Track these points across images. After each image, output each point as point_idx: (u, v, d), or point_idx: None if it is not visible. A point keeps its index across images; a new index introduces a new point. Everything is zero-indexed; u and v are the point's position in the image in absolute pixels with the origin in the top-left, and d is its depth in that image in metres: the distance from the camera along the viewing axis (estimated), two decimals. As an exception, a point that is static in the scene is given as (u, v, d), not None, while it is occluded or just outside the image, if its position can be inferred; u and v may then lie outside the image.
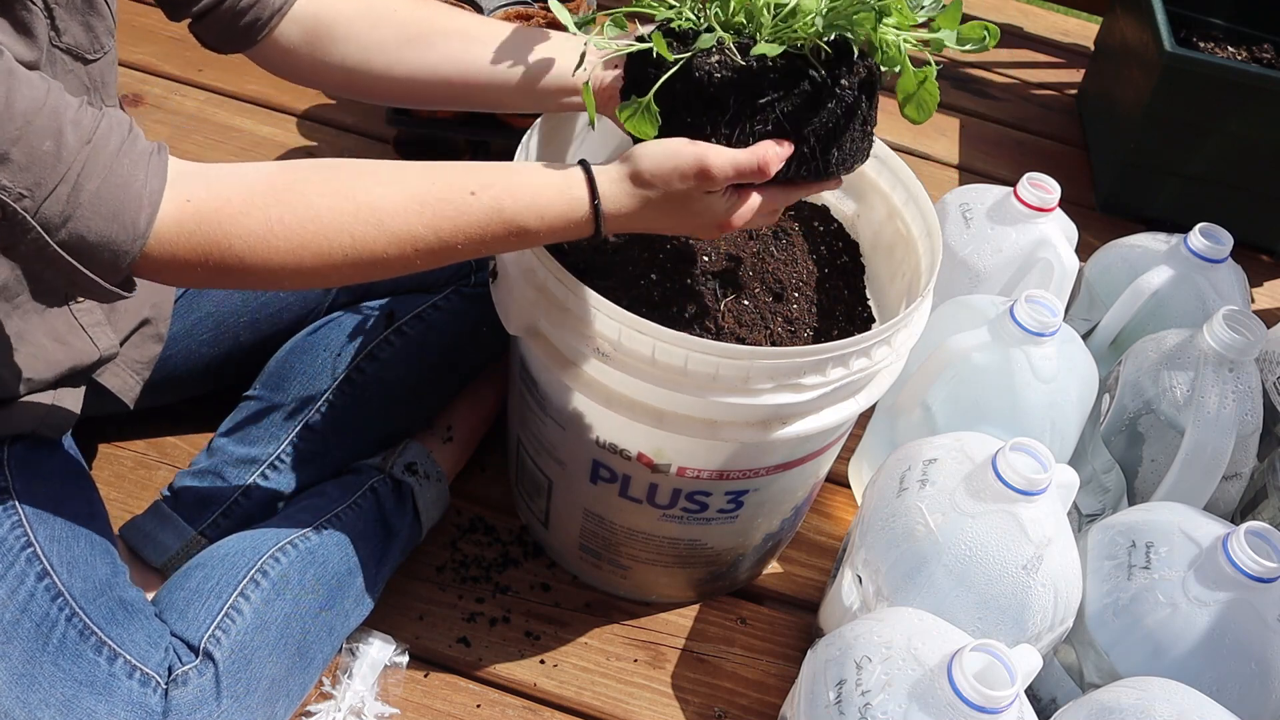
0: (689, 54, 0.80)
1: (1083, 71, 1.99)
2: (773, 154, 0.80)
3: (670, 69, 0.79)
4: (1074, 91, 1.98)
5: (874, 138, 0.92)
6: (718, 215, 0.82)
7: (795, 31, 0.80)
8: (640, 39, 0.83)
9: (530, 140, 0.98)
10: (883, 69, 0.84)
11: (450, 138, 1.48)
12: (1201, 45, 1.76)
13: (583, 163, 0.80)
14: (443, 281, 1.16)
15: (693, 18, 0.83)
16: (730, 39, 0.81)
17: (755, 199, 0.83)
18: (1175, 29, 1.63)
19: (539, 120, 0.99)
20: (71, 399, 0.96)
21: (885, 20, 0.82)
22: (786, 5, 0.79)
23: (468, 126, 1.44)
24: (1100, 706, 0.84)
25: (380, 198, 0.75)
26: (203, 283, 0.75)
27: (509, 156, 0.97)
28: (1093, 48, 1.95)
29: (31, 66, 0.77)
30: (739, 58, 0.80)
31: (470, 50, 0.90)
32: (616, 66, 0.87)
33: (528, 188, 0.78)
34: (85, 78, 0.83)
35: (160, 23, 1.74)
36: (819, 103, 0.82)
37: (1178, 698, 0.83)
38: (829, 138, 0.84)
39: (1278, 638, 0.89)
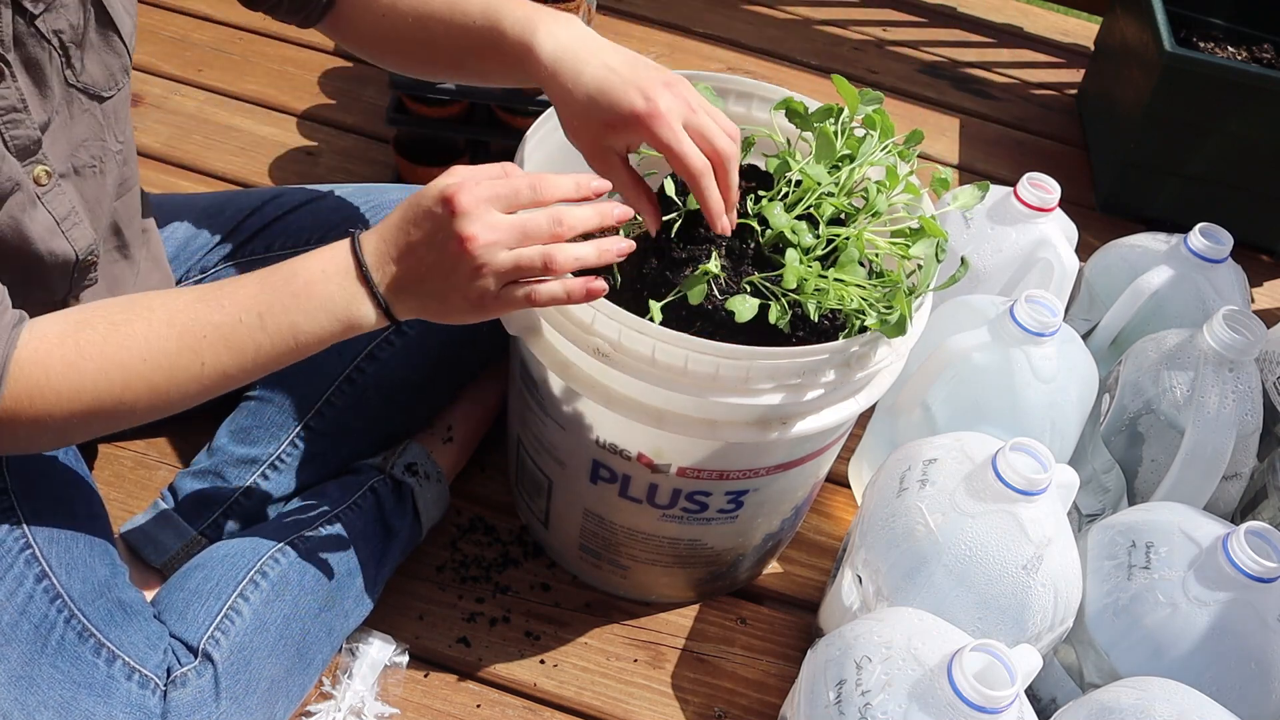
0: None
1: (1083, 71, 1.99)
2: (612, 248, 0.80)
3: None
4: (1074, 91, 1.98)
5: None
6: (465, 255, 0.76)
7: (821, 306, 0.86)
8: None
9: (530, 141, 0.98)
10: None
11: (450, 138, 1.48)
12: (1201, 45, 1.76)
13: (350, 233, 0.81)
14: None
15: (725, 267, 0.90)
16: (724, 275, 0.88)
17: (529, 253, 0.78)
18: (1175, 29, 1.63)
19: (539, 120, 0.99)
20: None
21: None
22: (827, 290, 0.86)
23: (468, 126, 1.44)
24: (1100, 706, 0.84)
25: (170, 299, 0.78)
26: (25, 441, 0.77)
27: (509, 156, 0.97)
28: (1093, 48, 1.95)
29: (50, 98, 0.78)
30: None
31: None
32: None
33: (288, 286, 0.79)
34: (100, 115, 0.85)
35: (160, 22, 1.75)
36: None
37: (1178, 698, 0.83)
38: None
39: (1278, 638, 0.89)
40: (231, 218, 1.13)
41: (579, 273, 0.81)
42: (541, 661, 1.09)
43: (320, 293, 0.79)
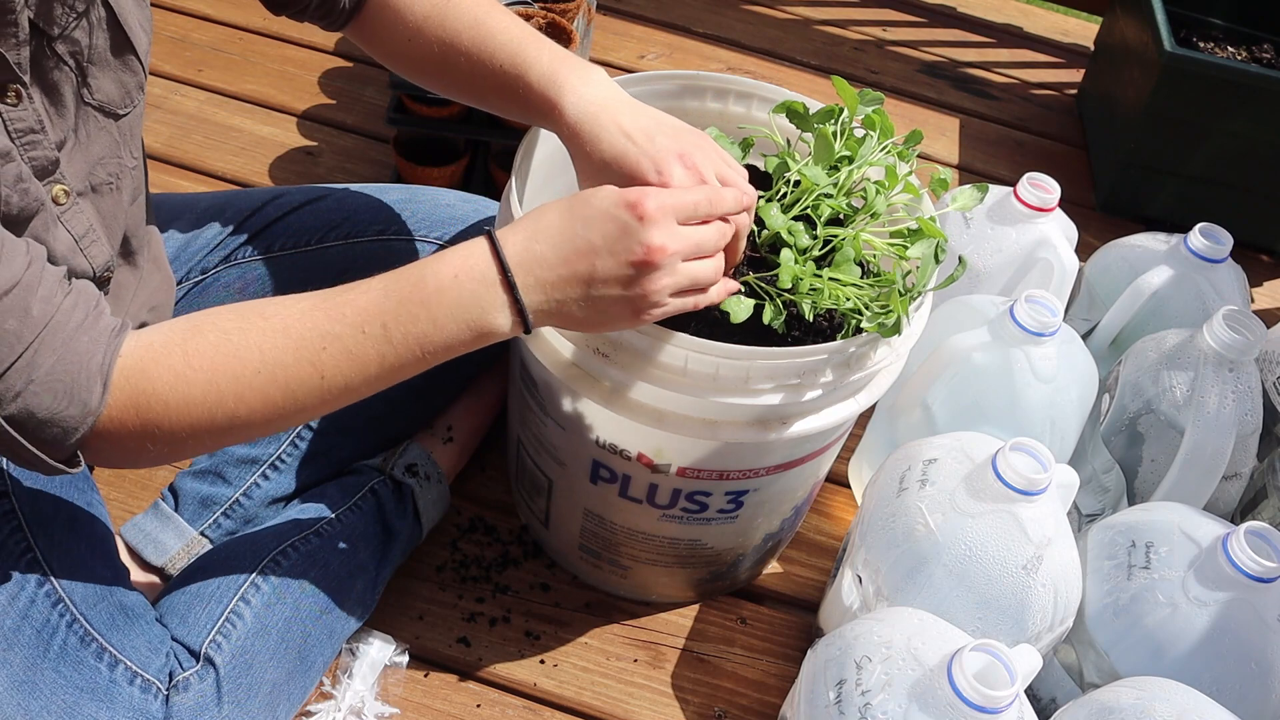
0: None
1: (1083, 71, 1.99)
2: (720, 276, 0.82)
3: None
4: (1074, 91, 1.98)
5: None
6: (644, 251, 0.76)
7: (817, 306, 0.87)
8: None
9: (530, 141, 0.98)
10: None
11: (450, 138, 1.48)
12: (1201, 45, 1.76)
13: (487, 232, 0.78)
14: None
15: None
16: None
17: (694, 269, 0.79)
18: (1175, 29, 1.63)
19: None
20: None
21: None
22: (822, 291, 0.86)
23: (468, 126, 1.44)
24: (1100, 706, 0.84)
25: (286, 307, 0.75)
26: (134, 453, 0.74)
27: (509, 156, 0.97)
28: (1093, 48, 1.95)
29: (67, 117, 0.77)
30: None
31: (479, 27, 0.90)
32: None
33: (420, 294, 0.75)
34: (116, 133, 0.83)
35: (161, 23, 1.75)
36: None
37: (1178, 698, 0.83)
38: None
39: (1278, 638, 0.89)
40: (232, 218, 1.13)
41: None
42: (541, 661, 1.09)
43: (452, 299, 0.75)
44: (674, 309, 0.79)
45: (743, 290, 0.86)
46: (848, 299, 0.87)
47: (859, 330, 0.88)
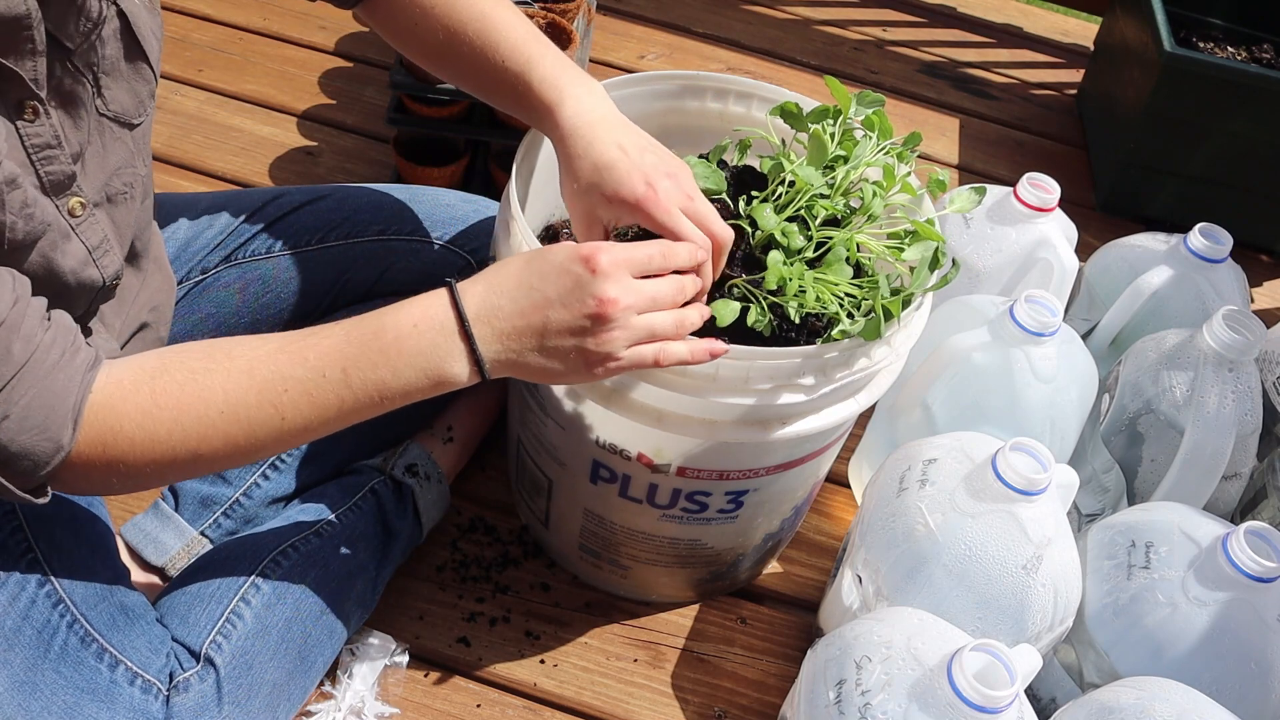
0: None
1: (1083, 71, 1.99)
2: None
3: None
4: (1074, 91, 1.98)
5: None
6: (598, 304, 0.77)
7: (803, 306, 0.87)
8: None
9: (530, 141, 0.98)
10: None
11: (450, 138, 1.48)
12: (1201, 45, 1.76)
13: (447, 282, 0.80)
14: (443, 281, 1.16)
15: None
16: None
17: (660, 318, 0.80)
18: (1175, 29, 1.63)
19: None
20: None
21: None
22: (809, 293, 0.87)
23: (468, 126, 1.44)
24: (1100, 706, 0.84)
25: (252, 348, 0.77)
26: (99, 485, 0.76)
27: (509, 156, 0.97)
28: (1093, 48, 1.95)
29: (83, 130, 0.78)
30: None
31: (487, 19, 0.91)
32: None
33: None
34: (131, 143, 0.84)
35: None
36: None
37: (1177, 697, 0.83)
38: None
39: (1278, 638, 0.89)
40: (232, 218, 1.13)
41: None
42: (541, 661, 1.09)
43: (410, 348, 0.77)
44: (631, 362, 0.80)
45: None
46: (831, 302, 0.86)
47: (844, 333, 0.87)
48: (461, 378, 0.79)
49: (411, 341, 0.77)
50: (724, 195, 0.95)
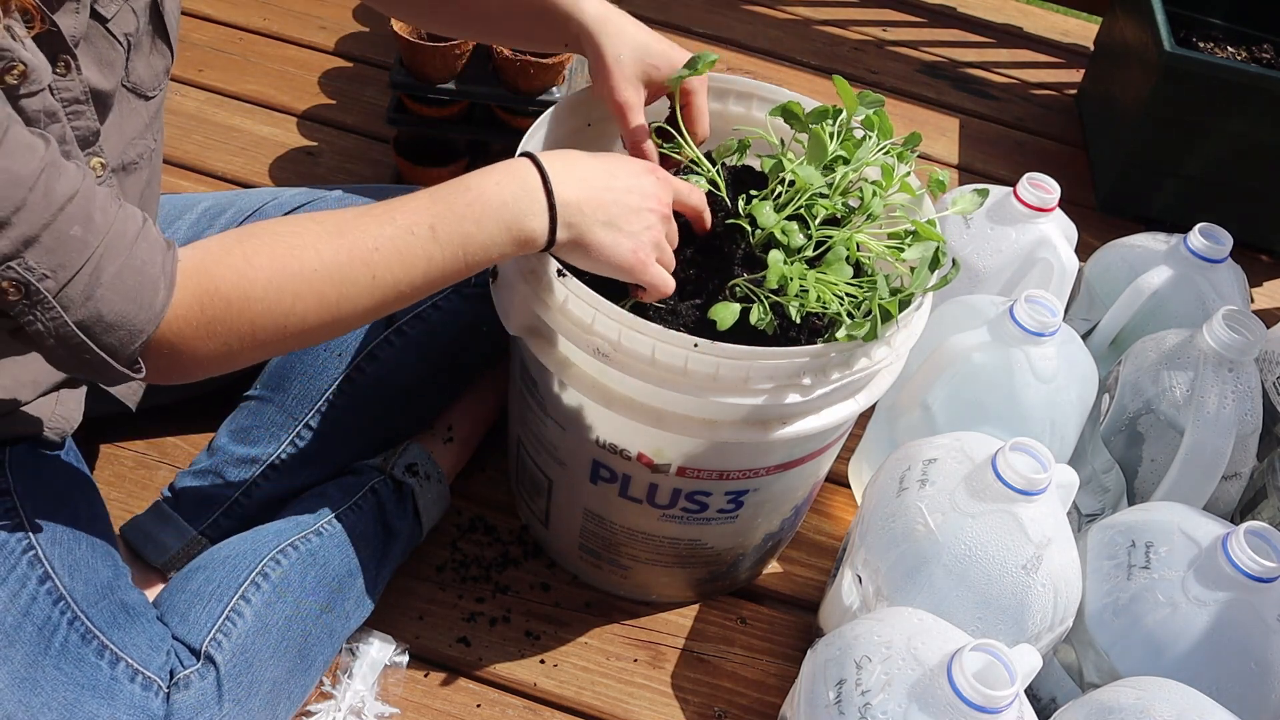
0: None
1: (1083, 71, 1.99)
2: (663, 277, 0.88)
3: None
4: (1074, 91, 1.98)
5: None
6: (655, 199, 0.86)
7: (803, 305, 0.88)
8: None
9: (530, 141, 0.98)
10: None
11: (450, 138, 1.48)
12: (1201, 45, 1.76)
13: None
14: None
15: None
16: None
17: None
18: (1175, 29, 1.63)
19: (539, 121, 0.99)
20: (74, 402, 0.96)
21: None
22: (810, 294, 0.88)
23: (468, 126, 1.44)
24: (1100, 706, 0.84)
25: (338, 214, 0.78)
26: (193, 357, 0.75)
27: (509, 156, 0.97)
28: (1093, 48, 1.95)
29: (109, 95, 0.80)
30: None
31: None
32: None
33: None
34: (146, 114, 0.87)
35: (160, 23, 1.75)
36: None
37: (1178, 697, 0.83)
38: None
39: (1278, 638, 0.89)
40: (233, 218, 1.13)
41: None
42: (541, 661, 1.09)
43: (494, 200, 0.80)
44: (655, 280, 0.86)
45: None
46: (831, 302, 0.86)
47: (850, 335, 0.87)
48: (539, 235, 0.82)
49: (495, 195, 0.80)
50: (723, 195, 0.95)
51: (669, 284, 0.87)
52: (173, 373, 0.75)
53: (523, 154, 0.84)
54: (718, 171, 0.97)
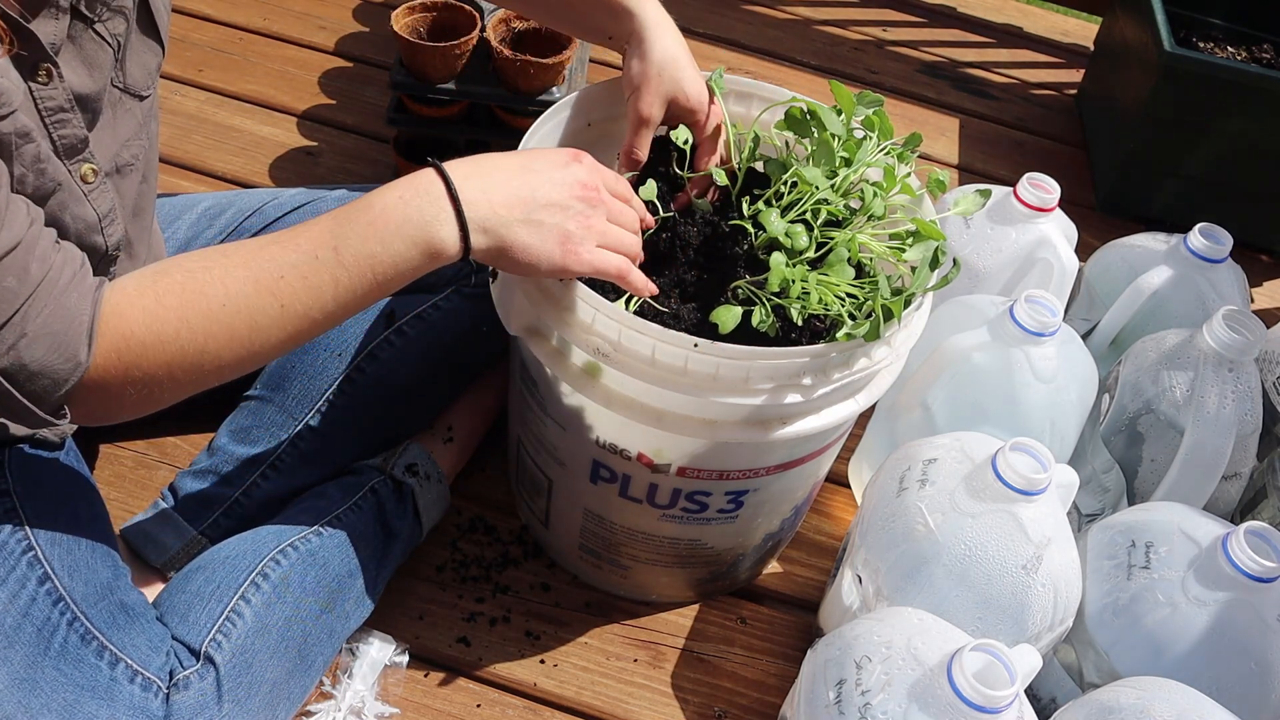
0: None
1: (1083, 71, 1.99)
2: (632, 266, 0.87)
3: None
4: (1074, 91, 1.98)
5: None
6: (580, 188, 0.83)
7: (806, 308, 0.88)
8: None
9: (530, 141, 0.98)
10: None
11: (450, 138, 1.48)
12: (1201, 45, 1.76)
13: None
14: (443, 281, 1.16)
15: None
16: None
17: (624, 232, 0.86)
18: (1175, 29, 1.63)
19: (539, 120, 1.00)
20: None
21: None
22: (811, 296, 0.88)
23: (468, 126, 1.44)
24: (1100, 706, 0.84)
25: (246, 245, 0.78)
26: (116, 400, 0.75)
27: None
28: (1092, 48, 1.95)
29: (97, 97, 0.80)
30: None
31: None
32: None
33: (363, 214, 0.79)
34: (140, 114, 0.86)
35: (160, 23, 1.75)
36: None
37: (1177, 697, 0.83)
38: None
39: (1278, 638, 0.89)
40: (233, 218, 1.13)
41: None
42: (541, 661, 1.09)
43: (397, 217, 0.77)
44: (597, 262, 0.83)
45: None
46: (838, 300, 0.87)
47: (850, 335, 0.87)
48: (450, 245, 0.79)
49: (397, 210, 0.78)
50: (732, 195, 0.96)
51: (618, 265, 0.84)
52: (98, 416, 0.76)
53: (429, 163, 0.81)
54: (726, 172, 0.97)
